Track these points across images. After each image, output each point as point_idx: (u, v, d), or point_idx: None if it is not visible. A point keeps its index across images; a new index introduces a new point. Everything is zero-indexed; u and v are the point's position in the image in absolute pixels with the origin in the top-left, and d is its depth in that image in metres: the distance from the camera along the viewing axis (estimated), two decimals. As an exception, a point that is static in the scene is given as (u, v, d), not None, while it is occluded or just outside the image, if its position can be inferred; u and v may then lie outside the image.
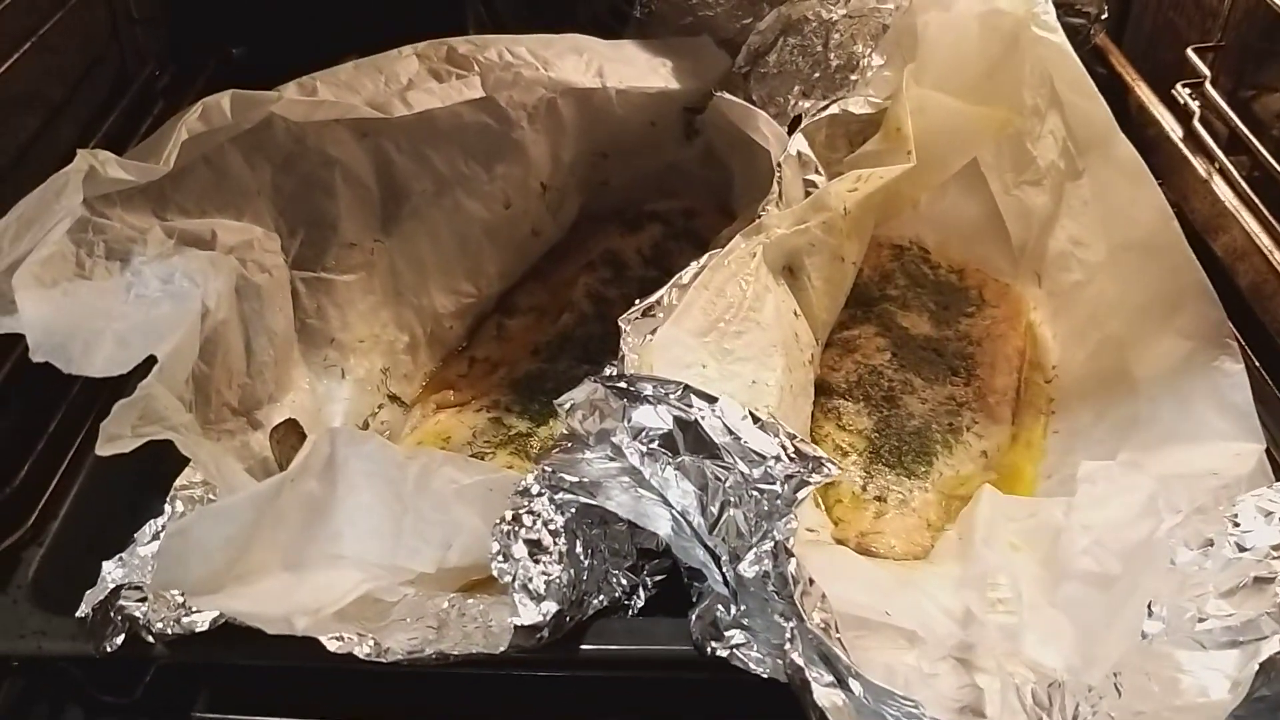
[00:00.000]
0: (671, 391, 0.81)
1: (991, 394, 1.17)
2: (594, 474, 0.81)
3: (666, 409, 0.80)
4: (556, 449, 0.84)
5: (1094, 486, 0.89)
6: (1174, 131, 1.26)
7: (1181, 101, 1.26)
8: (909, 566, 0.96)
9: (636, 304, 0.95)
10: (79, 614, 0.83)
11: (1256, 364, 1.05)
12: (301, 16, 1.54)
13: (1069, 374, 1.19)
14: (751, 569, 0.74)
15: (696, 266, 1.00)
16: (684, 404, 0.80)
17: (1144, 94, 1.34)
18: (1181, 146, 1.24)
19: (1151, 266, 1.10)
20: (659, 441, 0.79)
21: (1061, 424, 1.15)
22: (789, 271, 1.11)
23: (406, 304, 1.24)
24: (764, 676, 0.75)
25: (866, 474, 1.07)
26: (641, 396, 0.81)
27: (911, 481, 1.07)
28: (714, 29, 1.39)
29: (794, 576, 0.73)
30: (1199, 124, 1.22)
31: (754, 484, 0.76)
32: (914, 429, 1.12)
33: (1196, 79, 1.27)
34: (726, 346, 0.98)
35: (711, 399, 0.80)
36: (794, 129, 1.17)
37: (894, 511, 1.03)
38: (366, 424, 1.17)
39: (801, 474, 0.76)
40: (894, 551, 0.99)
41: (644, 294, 0.97)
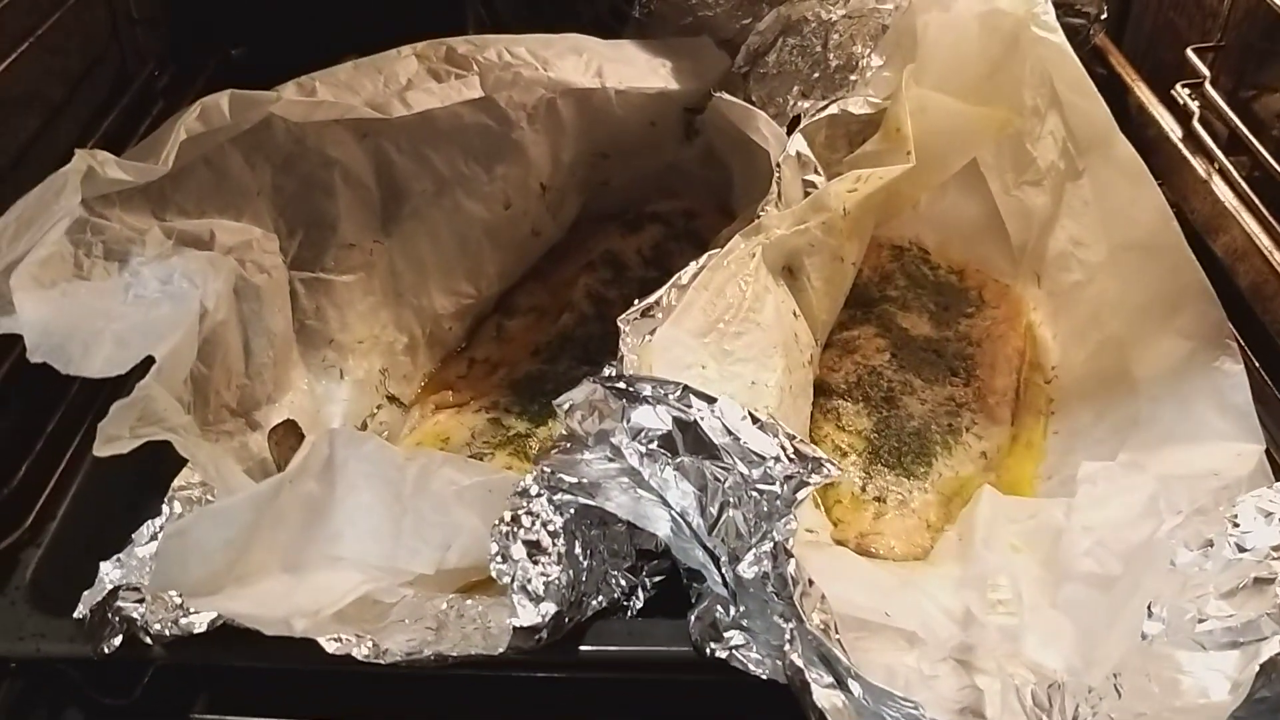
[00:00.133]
0: (671, 392, 0.80)
1: (991, 395, 1.17)
2: (593, 475, 0.81)
3: (666, 409, 0.80)
4: (555, 450, 0.84)
5: (1094, 487, 0.89)
6: (1173, 132, 1.26)
7: (1181, 102, 1.26)
8: (909, 567, 0.96)
9: (636, 304, 0.95)
10: (76, 615, 0.83)
11: (1256, 364, 1.05)
12: (301, 17, 1.54)
13: (1069, 374, 1.19)
14: (751, 570, 0.74)
15: (696, 267, 0.99)
16: (683, 405, 0.80)
17: (1144, 94, 1.33)
18: (1181, 147, 1.24)
19: (1151, 267, 1.10)
20: (658, 442, 0.79)
21: (1061, 424, 1.15)
22: (788, 272, 1.11)
23: (406, 305, 1.23)
24: (763, 678, 0.75)
25: (866, 475, 1.07)
26: (641, 397, 0.81)
27: (911, 482, 1.07)
28: (713, 29, 1.39)
29: (793, 577, 0.72)
30: (1199, 124, 1.22)
31: (753, 485, 0.76)
32: (913, 430, 1.12)
33: (1196, 79, 1.26)
34: (726, 347, 0.98)
35: (711, 399, 0.80)
36: (793, 129, 1.16)
37: (893, 512, 1.03)
38: (365, 425, 1.17)
39: (801, 475, 0.76)
40: (893, 552, 0.99)
41: (644, 294, 0.96)
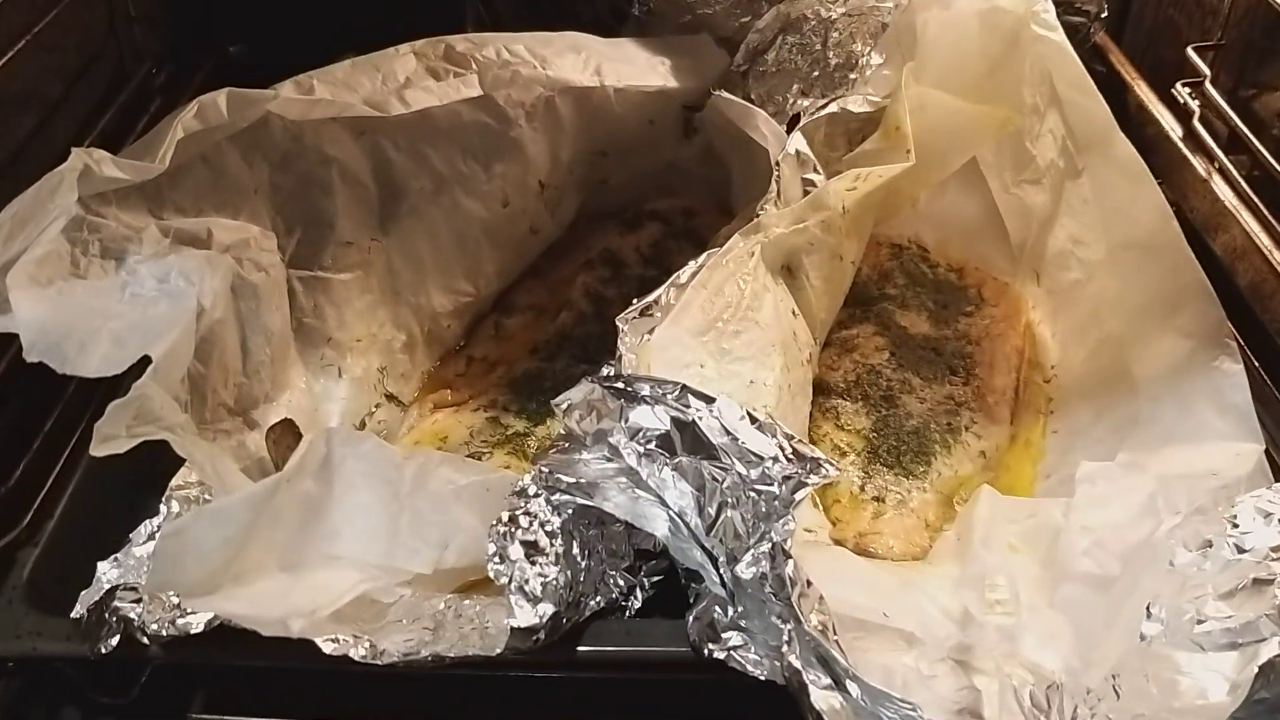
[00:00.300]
0: (669, 392, 0.80)
1: (990, 393, 1.17)
2: (591, 475, 0.80)
3: (664, 409, 0.79)
4: (553, 449, 0.84)
5: (1093, 487, 0.89)
6: (1173, 131, 1.26)
7: (1181, 100, 1.26)
8: (907, 567, 0.96)
9: (634, 303, 0.95)
10: (74, 615, 0.83)
11: (1256, 364, 1.05)
12: (300, 15, 1.53)
13: (1068, 373, 1.19)
14: (749, 570, 0.74)
15: (694, 265, 0.99)
16: (681, 404, 0.80)
17: (1143, 93, 1.33)
18: (1181, 145, 1.23)
19: (1151, 266, 1.09)
20: (656, 442, 0.79)
21: (1060, 424, 1.15)
22: (787, 270, 1.11)
23: (404, 303, 1.23)
24: (761, 679, 0.74)
25: (865, 474, 1.07)
26: (639, 397, 0.80)
27: (910, 481, 1.06)
28: (713, 27, 1.38)
29: (791, 578, 0.72)
30: (1199, 123, 1.22)
31: (751, 485, 0.76)
32: (912, 429, 1.12)
33: (1196, 78, 1.26)
34: (725, 346, 0.97)
35: (709, 399, 0.80)
36: (792, 127, 1.16)
37: (892, 512, 1.03)
38: (363, 423, 1.17)
39: (799, 475, 0.76)
40: (892, 552, 0.99)
41: (642, 293, 0.96)
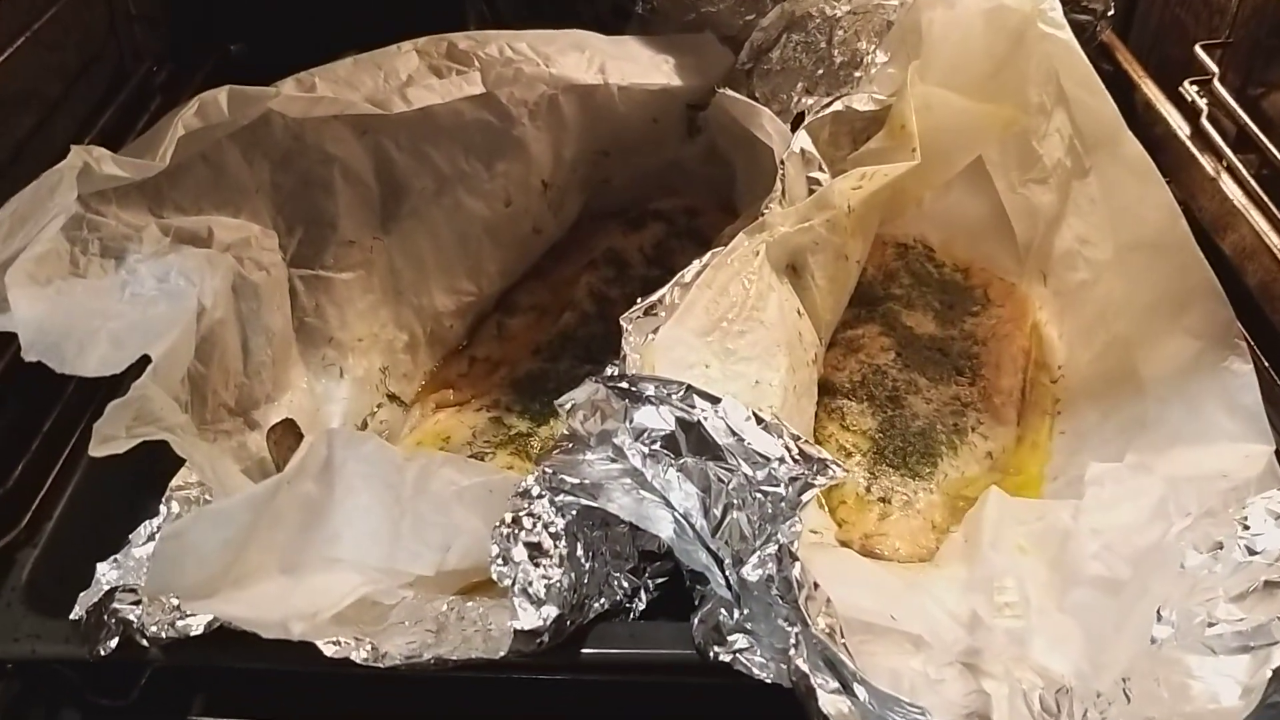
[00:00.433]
0: (674, 392, 0.80)
1: (997, 394, 1.16)
2: (595, 476, 0.80)
3: (669, 410, 0.79)
4: (557, 450, 0.83)
5: (1102, 489, 0.88)
6: (1181, 129, 1.25)
7: (1189, 99, 1.25)
8: (914, 569, 0.95)
9: (638, 303, 0.94)
10: (73, 616, 0.82)
11: (1266, 364, 1.04)
12: (301, 14, 1.53)
13: (1075, 374, 1.18)
14: (755, 573, 0.74)
15: (699, 265, 0.99)
16: (687, 405, 0.79)
17: (1151, 91, 1.32)
18: (1189, 144, 1.22)
19: (1159, 265, 1.08)
20: (661, 443, 0.78)
21: (1068, 425, 1.14)
22: (792, 270, 1.10)
23: (406, 303, 1.23)
24: (767, 682, 0.74)
25: (871, 475, 1.06)
26: (644, 397, 0.80)
27: (916, 483, 1.06)
28: (717, 25, 1.38)
29: (798, 581, 0.72)
30: (1207, 121, 1.21)
31: (758, 486, 0.75)
32: (918, 429, 1.11)
33: (1204, 76, 1.25)
34: (729, 346, 0.97)
35: (714, 399, 0.79)
36: (797, 126, 1.16)
37: (898, 513, 1.02)
38: (365, 424, 1.16)
39: (806, 476, 0.75)
40: (899, 554, 0.98)
41: (646, 293, 0.96)
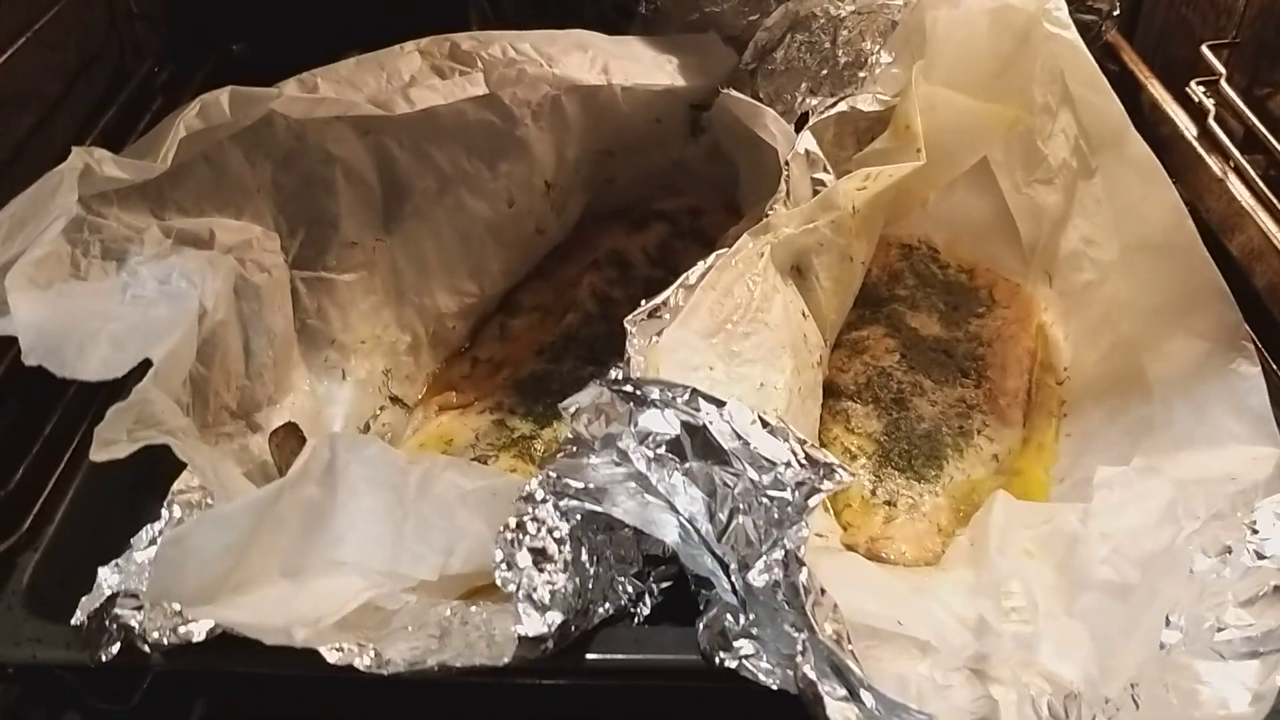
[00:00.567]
0: (679, 395, 0.79)
1: (1002, 396, 1.15)
2: (599, 479, 0.79)
3: (674, 413, 0.78)
4: (561, 453, 0.83)
5: (1111, 493, 0.87)
6: (1188, 130, 1.24)
7: (1196, 99, 1.24)
8: (920, 573, 0.95)
9: (642, 304, 0.93)
10: (74, 622, 0.82)
11: (1273, 366, 1.04)
12: (303, 14, 1.52)
13: (1081, 376, 1.18)
14: (761, 578, 0.73)
15: (703, 266, 0.98)
16: (692, 408, 0.78)
17: (1157, 92, 1.32)
18: (1196, 145, 1.22)
19: (1166, 267, 1.08)
20: (666, 446, 0.78)
21: (1074, 427, 1.13)
22: (797, 271, 1.10)
23: (408, 304, 1.22)
24: (774, 688, 0.73)
25: (876, 478, 1.06)
26: (648, 400, 0.79)
27: (922, 485, 1.05)
28: (721, 25, 1.37)
29: (805, 586, 0.71)
30: (1214, 122, 1.20)
31: (764, 490, 0.75)
32: (924, 432, 1.10)
33: (1211, 76, 1.24)
34: (734, 348, 0.96)
35: (720, 403, 0.79)
36: (801, 126, 1.15)
37: (904, 516, 1.02)
38: (368, 426, 1.15)
39: (813, 480, 0.75)
40: (904, 557, 0.98)
41: (650, 294, 0.95)
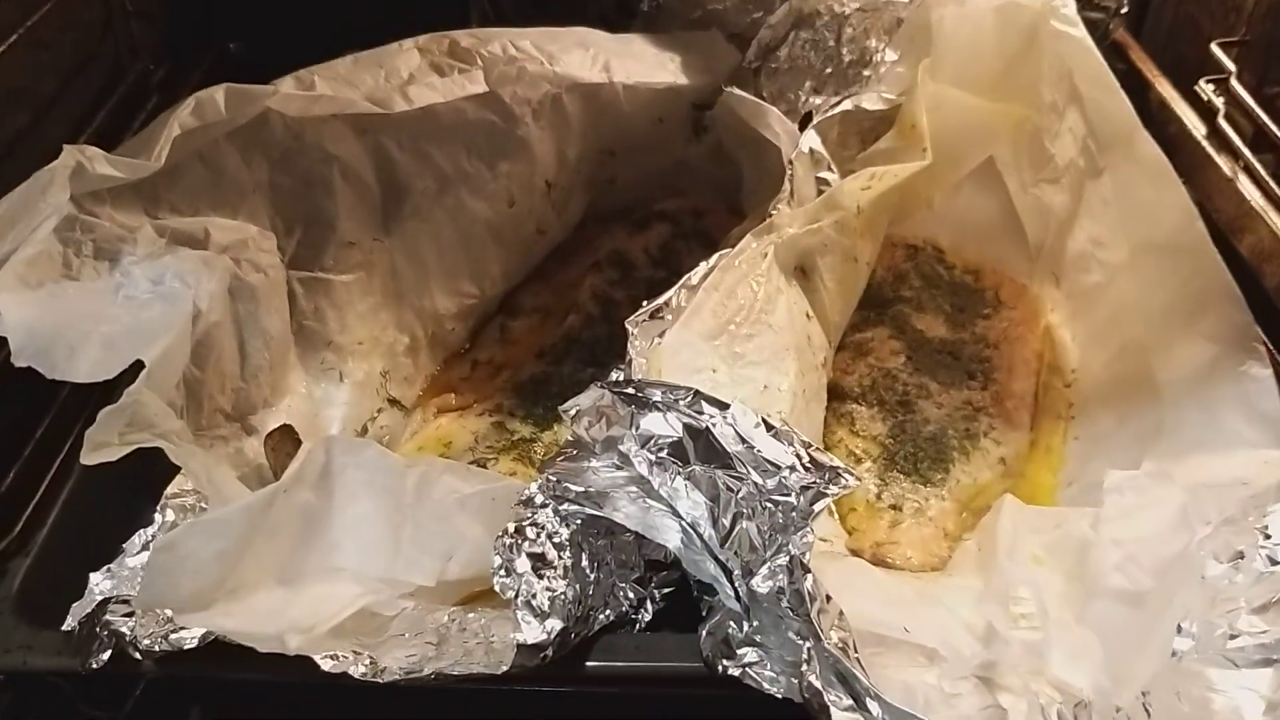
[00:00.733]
0: (681, 397, 0.79)
1: (1009, 398, 1.14)
2: (600, 484, 0.79)
3: (676, 416, 0.78)
4: (561, 457, 0.82)
5: (1122, 498, 0.86)
6: (1197, 129, 1.22)
7: (1205, 98, 1.23)
8: (927, 579, 0.93)
9: (644, 306, 0.93)
10: (65, 628, 0.81)
11: (1285, 369, 1.02)
12: (302, 12, 1.51)
13: (1089, 378, 1.17)
14: (765, 584, 0.72)
15: (706, 267, 0.98)
16: (694, 410, 0.78)
17: (1165, 90, 1.30)
18: (1205, 144, 1.20)
19: (1175, 268, 1.07)
20: (668, 450, 0.77)
21: (1082, 430, 1.12)
22: (801, 272, 1.09)
23: (407, 305, 1.21)
24: (778, 697, 0.72)
25: (881, 481, 1.05)
26: (650, 403, 0.79)
27: (928, 489, 1.04)
28: (724, 23, 1.37)
29: (810, 593, 0.70)
30: (1224, 121, 1.19)
31: (768, 495, 0.74)
32: (930, 434, 1.10)
33: (1220, 74, 1.23)
34: (737, 350, 0.96)
35: (723, 405, 0.78)
36: (804, 126, 1.15)
37: (910, 520, 1.01)
38: (365, 428, 1.15)
39: (818, 485, 0.74)
40: (910, 563, 0.97)
41: (652, 295, 0.95)
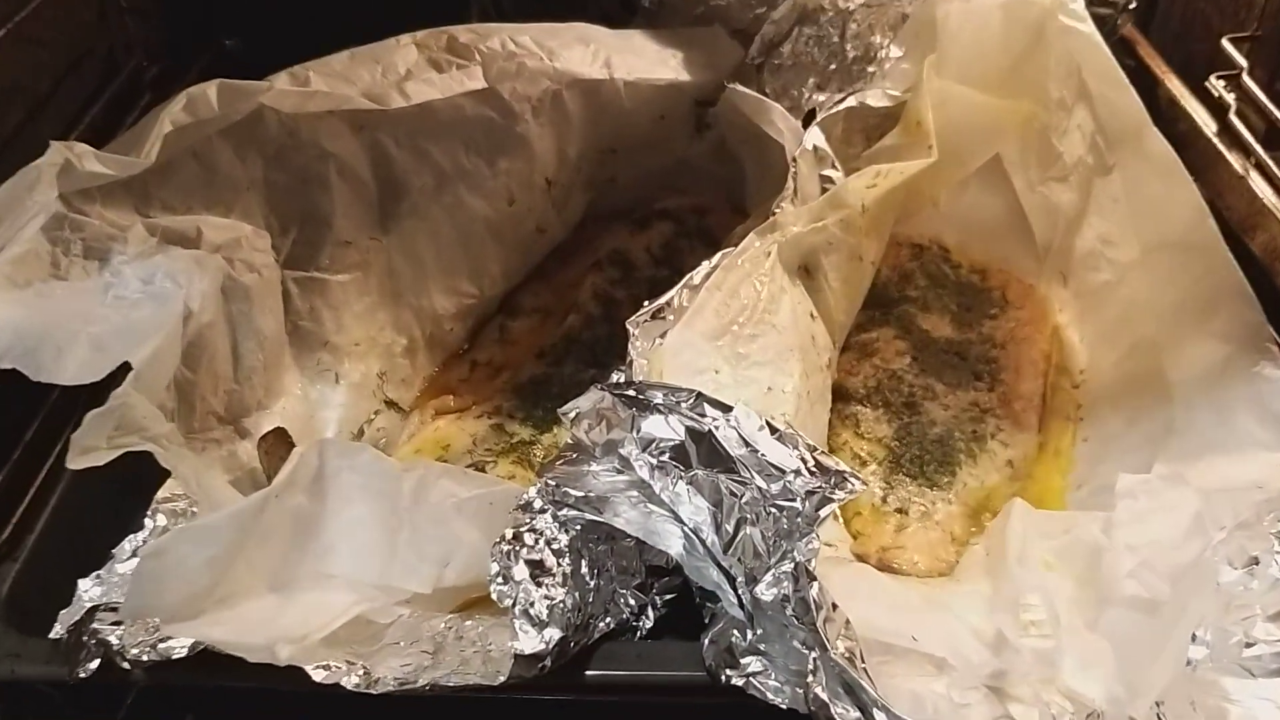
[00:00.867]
0: (683, 400, 0.77)
1: (1017, 400, 1.13)
2: (600, 488, 0.77)
3: (678, 418, 0.76)
4: (560, 461, 0.80)
5: (1135, 502, 0.84)
6: (1207, 126, 1.21)
7: (1216, 94, 1.21)
8: (934, 585, 0.92)
9: (645, 306, 0.92)
10: (53, 635, 0.79)
11: (1298, 370, 1.00)
12: (300, 9, 1.49)
13: (1098, 379, 1.15)
14: (769, 592, 0.71)
15: (708, 266, 0.96)
16: (697, 413, 0.76)
17: (1174, 87, 1.28)
18: (1216, 141, 1.18)
19: (1186, 266, 1.06)
20: (670, 453, 0.76)
21: (1091, 431, 1.11)
22: (805, 271, 1.08)
23: (405, 305, 1.20)
24: (783, 708, 0.70)
25: (887, 484, 1.04)
26: (651, 405, 0.77)
27: (934, 492, 1.03)
28: (726, 19, 1.36)
29: (816, 602, 0.69)
30: (1235, 117, 1.17)
31: (772, 500, 0.72)
32: (936, 437, 1.08)
33: (1232, 70, 1.21)
34: (741, 351, 0.94)
35: (726, 408, 0.77)
36: (808, 123, 1.14)
37: (916, 524, 1.00)
38: (362, 431, 1.14)
39: (824, 490, 0.72)
40: (917, 568, 0.96)
41: (653, 295, 0.94)
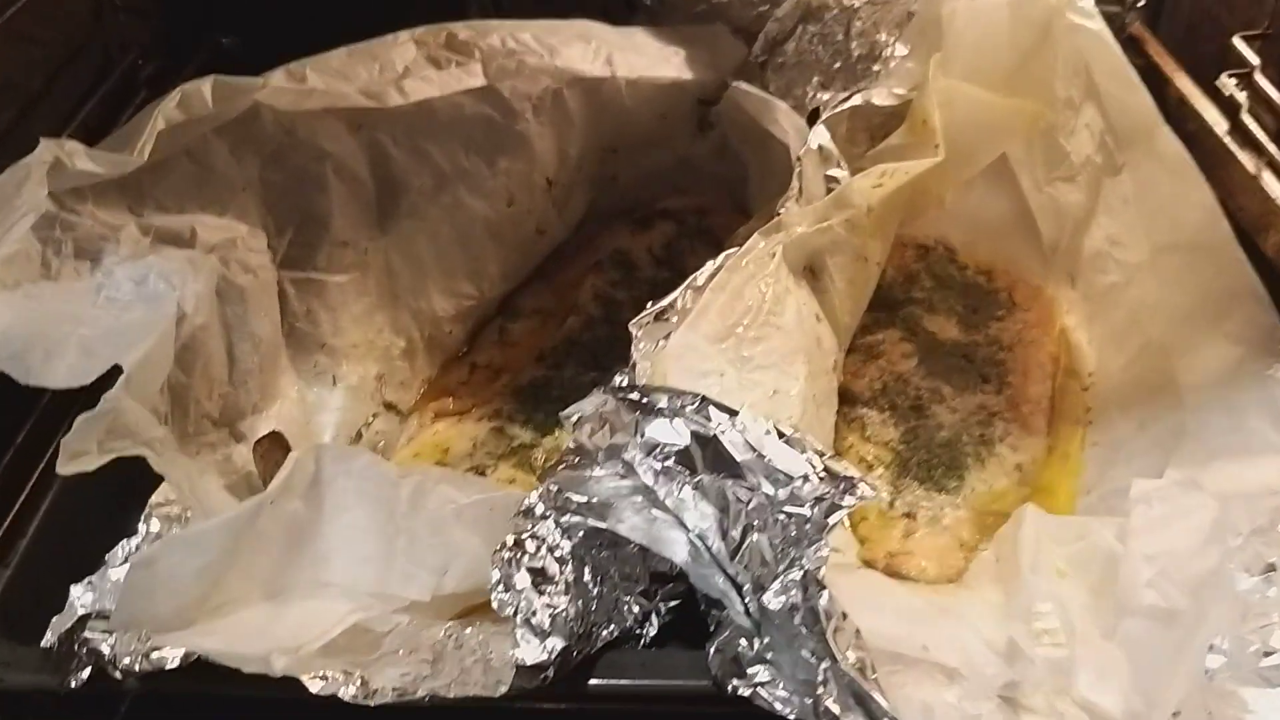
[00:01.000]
0: (688, 403, 0.76)
1: (1025, 403, 1.12)
2: (603, 494, 0.76)
3: (683, 422, 0.75)
4: (562, 465, 0.79)
5: (1150, 508, 0.82)
6: (1218, 125, 1.19)
7: (1227, 93, 1.19)
8: (944, 592, 0.90)
9: (648, 307, 0.90)
10: (44, 643, 0.78)
11: (1313, 373, 0.98)
12: (297, 6, 1.48)
13: (1107, 382, 1.13)
14: (777, 600, 0.69)
15: (712, 267, 0.95)
16: (702, 417, 0.75)
17: (1184, 86, 1.26)
18: (1227, 140, 1.16)
19: (1198, 267, 1.04)
20: (675, 458, 0.75)
21: (1100, 435, 1.09)
22: (810, 272, 1.06)
23: (403, 306, 1.19)
24: (791, 718, 0.68)
25: (894, 489, 1.02)
26: (655, 409, 0.76)
27: (942, 497, 1.02)
28: (729, 16, 1.34)
29: (826, 611, 0.67)
30: (1248, 116, 1.15)
31: (780, 506, 0.71)
32: (943, 440, 1.07)
33: (1243, 69, 1.19)
34: (745, 353, 0.92)
35: (732, 412, 0.75)
36: (812, 122, 1.12)
37: (924, 530, 0.98)
38: (360, 434, 1.12)
39: (833, 496, 0.70)
40: (926, 574, 0.94)
41: (655, 296, 0.92)
